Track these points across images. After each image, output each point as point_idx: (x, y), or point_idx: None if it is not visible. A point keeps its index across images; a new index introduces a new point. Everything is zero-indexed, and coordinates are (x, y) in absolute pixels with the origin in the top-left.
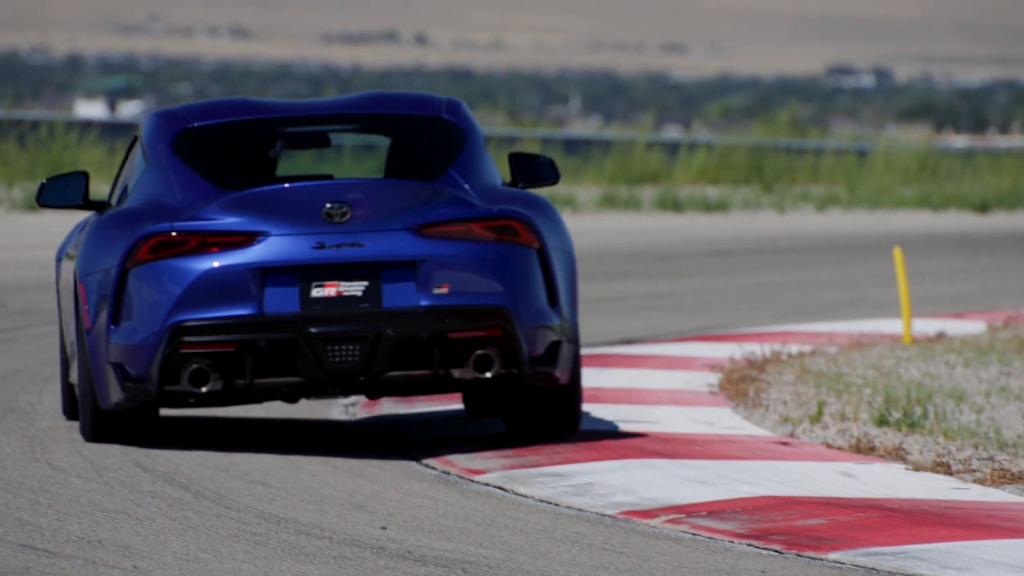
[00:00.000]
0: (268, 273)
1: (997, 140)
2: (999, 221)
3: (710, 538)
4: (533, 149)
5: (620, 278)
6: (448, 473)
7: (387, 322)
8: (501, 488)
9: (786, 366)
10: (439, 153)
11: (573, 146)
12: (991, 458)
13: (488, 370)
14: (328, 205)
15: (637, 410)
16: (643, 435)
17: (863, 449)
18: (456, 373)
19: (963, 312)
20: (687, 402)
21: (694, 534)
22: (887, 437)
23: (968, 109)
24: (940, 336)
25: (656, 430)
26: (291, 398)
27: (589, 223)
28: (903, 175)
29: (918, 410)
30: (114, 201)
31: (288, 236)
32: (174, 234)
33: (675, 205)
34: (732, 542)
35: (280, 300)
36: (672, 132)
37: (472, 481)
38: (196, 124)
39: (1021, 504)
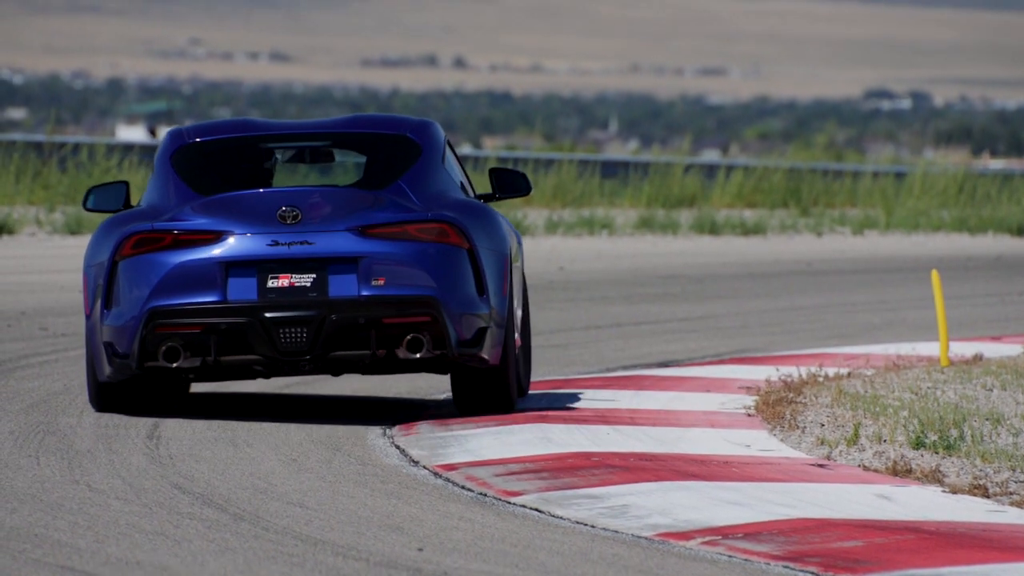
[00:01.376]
0: (231, 266)
1: None
2: None
3: (746, 560)
4: (571, 173)
5: (657, 301)
6: (484, 495)
7: (331, 309)
8: (537, 510)
9: (823, 388)
10: (393, 166)
11: (611, 169)
12: None
13: (419, 351)
14: (282, 208)
15: (674, 432)
16: (680, 457)
17: (899, 471)
18: (390, 354)
19: (1000, 335)
20: (723, 424)
21: (730, 556)
22: (924, 460)
23: (1006, 132)
24: (977, 359)
25: (693, 452)
26: (253, 375)
27: (626, 246)
28: (941, 198)
29: (955, 433)
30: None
31: (248, 235)
32: (152, 232)
33: (712, 228)
34: (768, 564)
35: (241, 289)
36: (710, 155)
37: (508, 503)
38: (194, 140)
39: None
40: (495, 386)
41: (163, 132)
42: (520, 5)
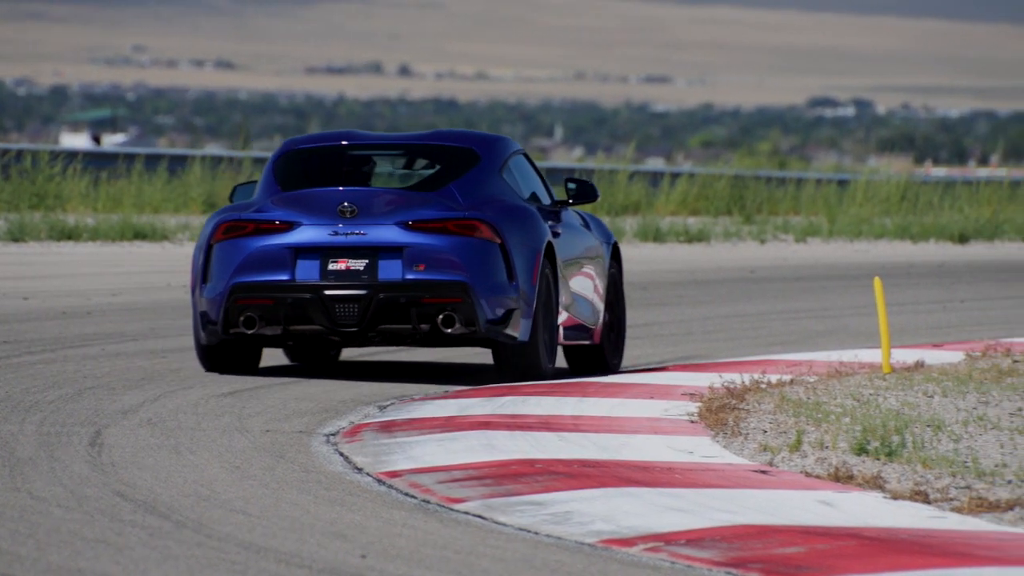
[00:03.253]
0: (299, 251)
1: (976, 171)
2: (978, 251)
3: (689, 566)
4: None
5: None
6: (428, 502)
7: (379, 289)
8: (480, 516)
9: (766, 395)
10: (450, 173)
11: (555, 176)
12: (968, 487)
13: (451, 327)
14: (343, 204)
15: (617, 439)
16: (623, 463)
17: (841, 478)
18: (427, 328)
19: (942, 342)
20: (667, 431)
21: (673, 562)
22: (865, 466)
23: (948, 140)
24: (919, 365)
25: (636, 458)
26: (321, 344)
27: None
28: (883, 206)
29: (896, 439)
30: None
31: (314, 225)
32: (238, 220)
33: (656, 235)
34: (711, 570)
35: (307, 270)
36: (654, 163)
37: (452, 510)
38: (296, 147)
39: (998, 533)
40: (525, 358)
41: (107, 139)
42: (466, 13)
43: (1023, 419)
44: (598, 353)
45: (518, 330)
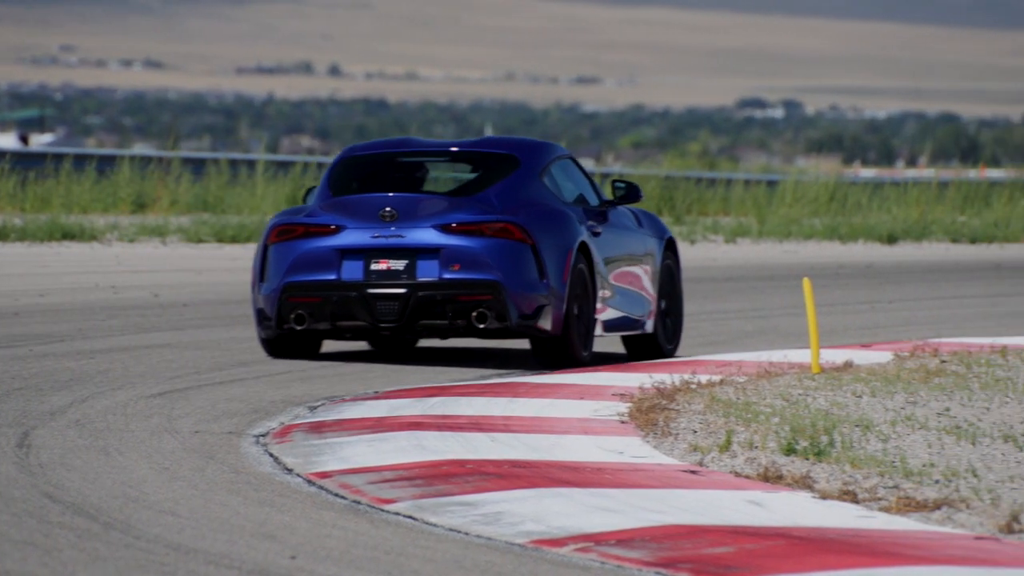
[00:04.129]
0: (345, 253)
1: (904, 172)
2: (906, 252)
3: (619, 566)
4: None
5: None
6: (358, 503)
7: (417, 288)
8: (411, 517)
9: (695, 395)
10: (490, 178)
11: None
12: (896, 486)
13: (484, 322)
14: (384, 209)
15: (548, 439)
16: (553, 464)
17: (771, 478)
18: (463, 323)
19: (870, 342)
20: (597, 431)
21: (603, 563)
22: (794, 466)
23: (876, 141)
24: (847, 366)
25: (566, 459)
26: (369, 338)
27: None
28: (812, 206)
29: (825, 439)
30: None
31: (358, 229)
32: (290, 224)
33: None
34: (640, 570)
35: (351, 270)
36: (585, 163)
37: (382, 510)
38: (352, 154)
39: (926, 532)
40: (559, 349)
41: (35, 139)
42: (396, 13)
43: (950, 419)
44: (652, 341)
45: (549, 324)
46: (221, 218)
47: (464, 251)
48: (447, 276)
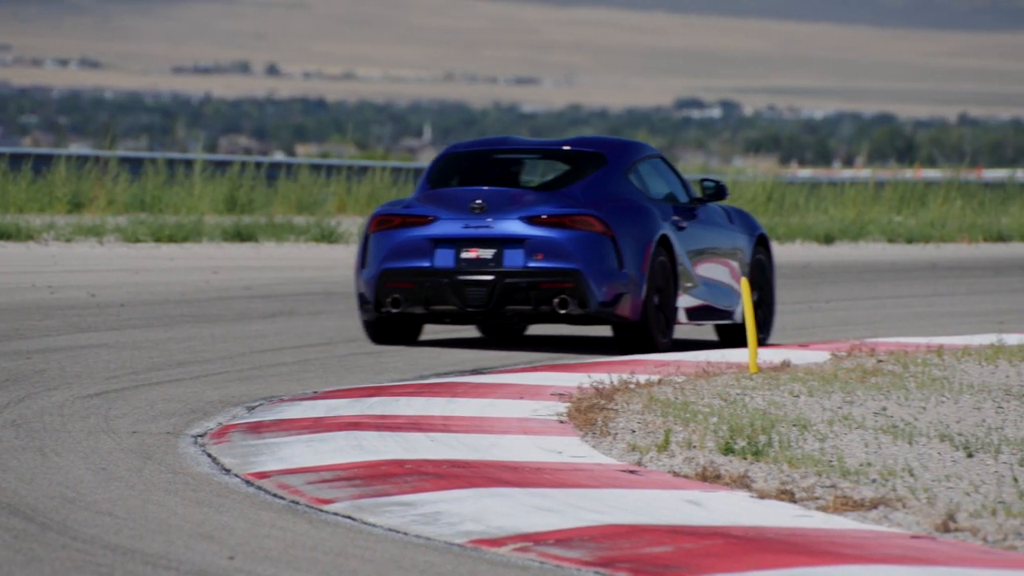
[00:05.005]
0: (437, 242)
1: (841, 172)
2: (842, 252)
3: (557, 566)
4: (385, 181)
5: None
6: (297, 503)
7: (503, 275)
8: (350, 517)
9: (634, 395)
10: (577, 174)
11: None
12: (834, 485)
13: (565, 308)
14: (475, 202)
15: (487, 439)
16: (492, 464)
17: (709, 477)
18: (546, 309)
19: (807, 342)
20: (536, 431)
21: (542, 562)
22: (732, 465)
23: (813, 141)
24: (785, 365)
25: (505, 459)
26: (463, 321)
27: None
28: (750, 206)
29: (763, 438)
30: None
31: (449, 220)
32: (388, 215)
33: None
34: (579, 570)
35: (443, 258)
36: None
37: (320, 511)
38: (453, 151)
39: (863, 531)
40: (638, 335)
41: None
42: (333, 13)
43: (887, 418)
44: (742, 330)
45: (627, 311)
46: (158, 218)
47: (547, 241)
48: (531, 264)
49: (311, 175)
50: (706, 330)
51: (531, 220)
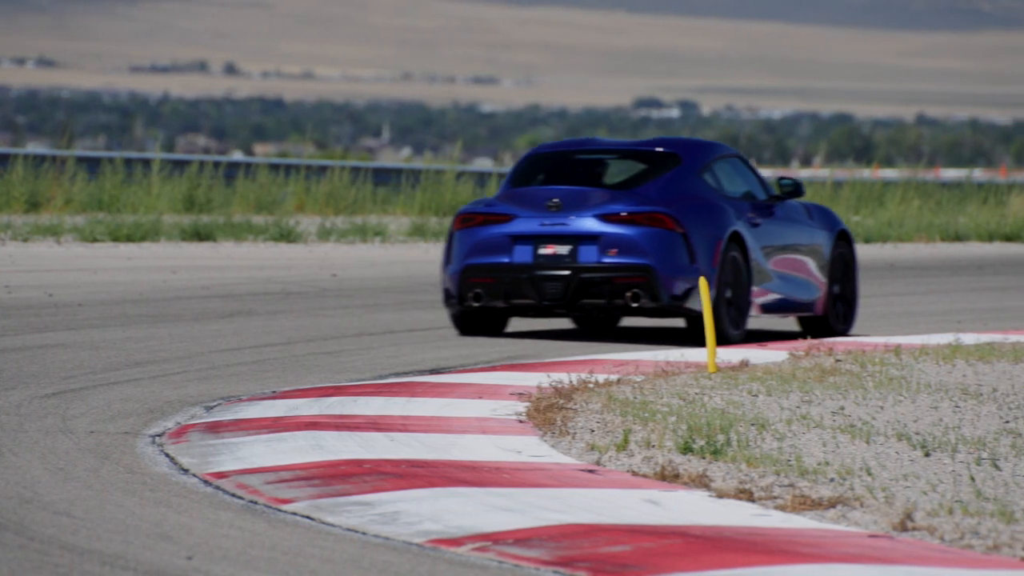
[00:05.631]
0: (516, 239)
1: (799, 171)
2: None
3: (516, 565)
4: (344, 180)
5: (430, 308)
6: (255, 503)
7: (579, 270)
8: (308, 517)
9: (593, 394)
10: (652, 173)
11: (383, 177)
12: (792, 485)
13: (638, 302)
14: (551, 200)
15: (446, 439)
16: (451, 463)
17: (668, 476)
18: (620, 302)
19: (766, 341)
20: (495, 431)
21: (500, 562)
22: (691, 465)
23: (771, 141)
24: (743, 365)
25: (464, 458)
26: (540, 314)
27: (399, 253)
28: None
29: (721, 438)
30: None
31: (528, 218)
32: (471, 213)
33: None
34: (538, 569)
35: (522, 254)
36: (481, 163)
37: (279, 510)
38: (537, 152)
39: (820, 530)
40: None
41: None
42: (292, 12)
43: (845, 418)
44: (823, 322)
45: (698, 304)
46: (116, 217)
47: (620, 238)
48: (605, 260)
49: (269, 174)
50: (787, 322)
51: (605, 218)
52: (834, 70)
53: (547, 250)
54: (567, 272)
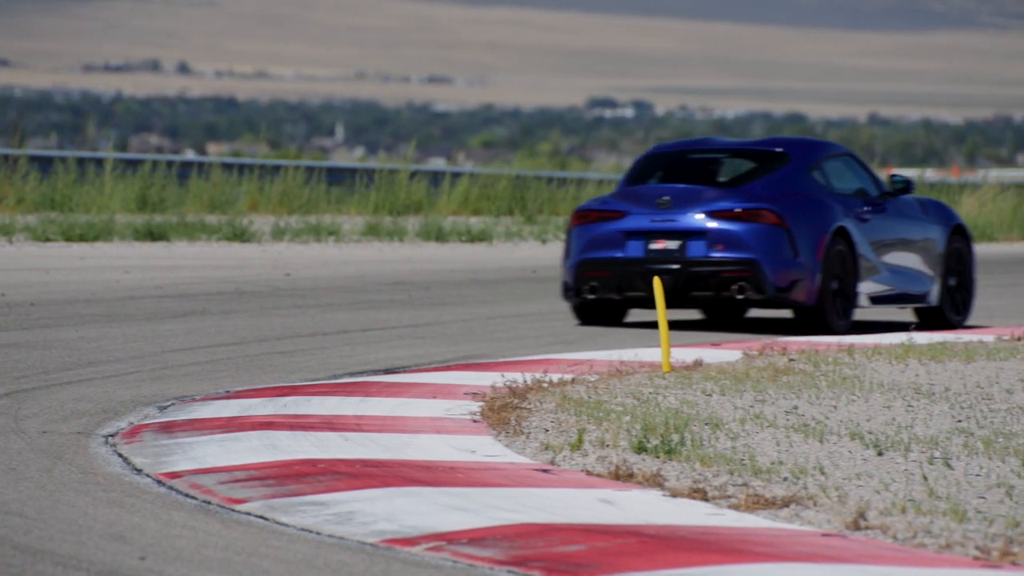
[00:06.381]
0: (628, 234)
1: None
2: None
3: (471, 565)
4: (298, 180)
5: (384, 307)
6: (209, 503)
7: (688, 264)
8: (262, 517)
9: (547, 394)
10: (761, 171)
11: (337, 176)
12: (746, 484)
13: (744, 294)
14: (661, 198)
15: (400, 438)
16: (406, 463)
17: (622, 476)
18: (727, 295)
19: (720, 341)
20: (449, 430)
21: (455, 561)
22: (645, 464)
23: None
24: (697, 364)
25: (418, 458)
26: (649, 307)
27: (353, 252)
28: None
29: (675, 437)
30: None
31: (639, 214)
32: (586, 210)
33: (438, 235)
34: (492, 569)
35: (634, 249)
36: (435, 163)
37: (233, 510)
38: (654, 152)
39: (774, 529)
40: (814, 317)
41: None
42: (245, 11)
43: (798, 417)
44: (938, 313)
45: (803, 296)
46: (69, 216)
47: (727, 233)
48: (713, 255)
49: (223, 174)
50: (903, 313)
51: (712, 214)
52: (787, 70)
53: (658, 245)
54: (676, 266)
